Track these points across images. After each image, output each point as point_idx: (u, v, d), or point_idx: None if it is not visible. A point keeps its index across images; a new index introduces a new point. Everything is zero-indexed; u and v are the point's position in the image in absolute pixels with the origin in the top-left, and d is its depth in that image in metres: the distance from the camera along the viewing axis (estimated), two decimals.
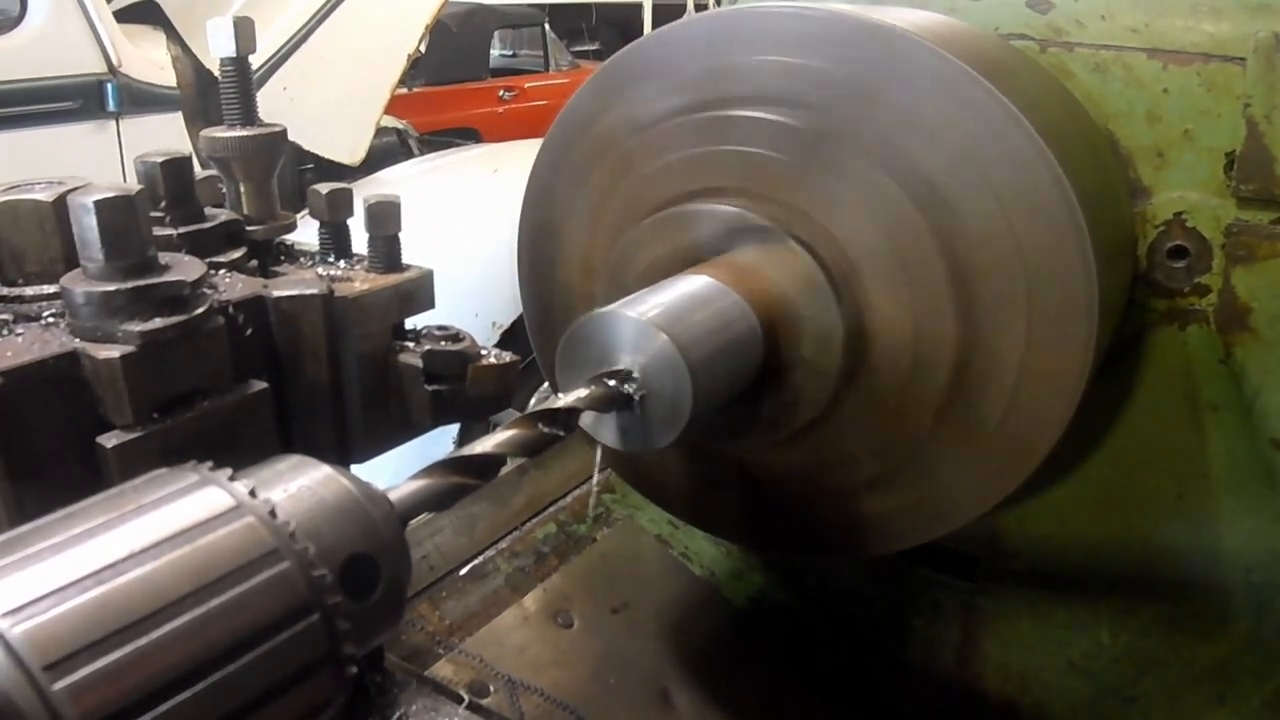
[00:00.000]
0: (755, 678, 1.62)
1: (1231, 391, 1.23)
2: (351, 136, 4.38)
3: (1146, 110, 1.21)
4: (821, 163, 1.09)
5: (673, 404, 0.95)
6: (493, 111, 8.52)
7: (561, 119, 1.31)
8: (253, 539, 0.58)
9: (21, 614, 0.50)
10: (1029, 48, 1.26)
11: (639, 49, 1.23)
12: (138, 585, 0.53)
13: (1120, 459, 1.32)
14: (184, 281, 0.86)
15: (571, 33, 13.84)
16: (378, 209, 1.11)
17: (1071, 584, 1.44)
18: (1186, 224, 1.21)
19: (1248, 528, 1.28)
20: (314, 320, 1.01)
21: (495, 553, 1.64)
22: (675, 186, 1.19)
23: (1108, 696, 1.46)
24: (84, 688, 0.49)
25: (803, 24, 1.09)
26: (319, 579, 0.60)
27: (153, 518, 0.58)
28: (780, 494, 1.27)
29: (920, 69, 1.03)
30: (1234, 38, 1.15)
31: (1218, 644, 1.36)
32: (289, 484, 0.64)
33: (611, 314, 0.97)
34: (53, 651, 0.49)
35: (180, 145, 2.42)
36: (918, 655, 1.62)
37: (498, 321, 3.68)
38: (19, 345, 0.83)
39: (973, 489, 1.13)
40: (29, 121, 3.56)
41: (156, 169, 1.05)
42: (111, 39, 3.72)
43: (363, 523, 0.65)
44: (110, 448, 0.81)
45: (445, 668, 1.42)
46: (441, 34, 7.88)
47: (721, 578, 1.74)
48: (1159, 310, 1.24)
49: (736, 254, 1.11)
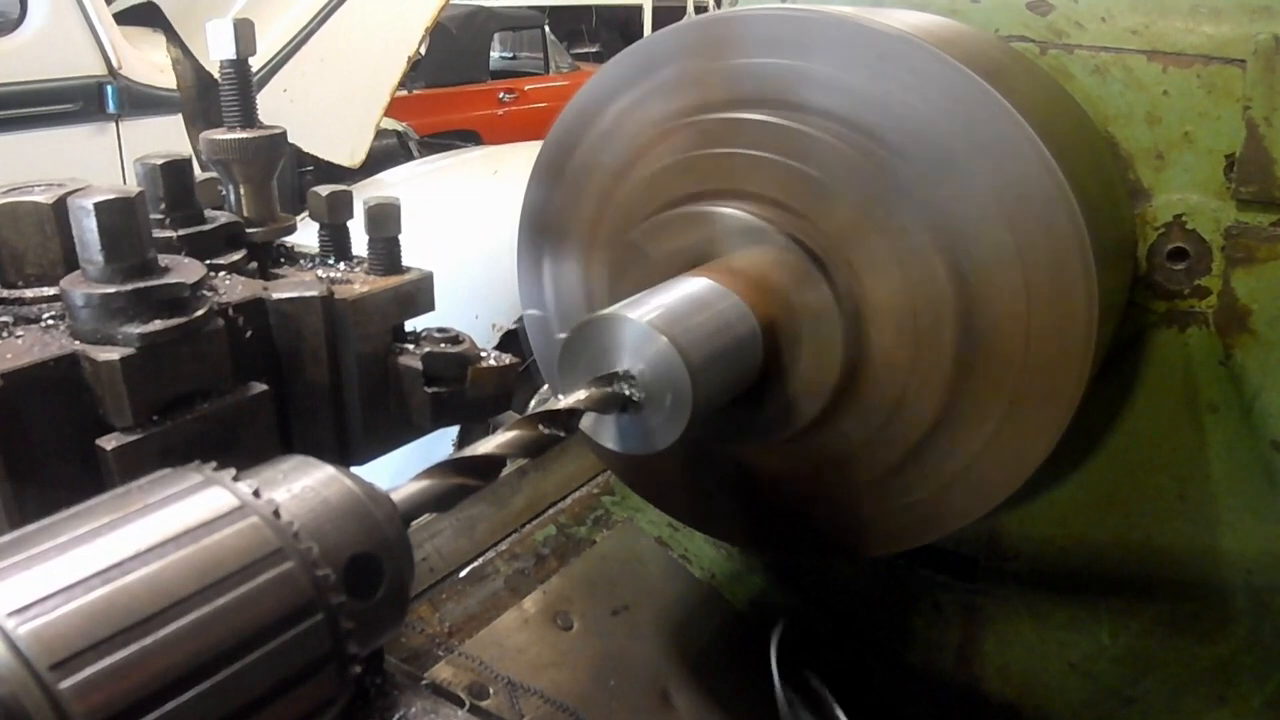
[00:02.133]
0: (755, 679, 1.61)
1: (1231, 393, 1.23)
2: (351, 138, 4.39)
3: (1146, 112, 1.21)
4: (821, 165, 1.09)
5: (673, 406, 0.95)
6: (493, 114, 8.54)
7: (562, 121, 1.31)
8: (257, 539, 0.58)
9: (28, 613, 0.50)
10: (1029, 50, 1.26)
11: (639, 51, 1.23)
12: (143, 584, 0.53)
13: (1120, 460, 1.32)
14: (184, 284, 0.86)
15: (571, 35, 13.86)
16: (378, 211, 1.11)
17: (1071, 585, 1.44)
18: (1186, 226, 1.21)
19: (1248, 529, 1.28)
20: (314, 322, 1.01)
21: (495, 555, 1.63)
22: (676, 189, 1.19)
23: (1108, 697, 1.46)
24: (90, 686, 0.49)
25: (802, 27, 1.09)
26: (323, 578, 0.60)
27: (158, 517, 0.58)
28: (780, 496, 1.27)
29: (921, 72, 1.03)
30: (1234, 40, 1.15)
31: (1218, 645, 1.36)
32: (292, 484, 0.64)
33: (612, 316, 0.97)
34: (59, 650, 0.49)
35: (180, 147, 2.43)
36: (918, 656, 1.62)
37: (498, 323, 3.69)
38: (19, 347, 0.83)
39: (973, 490, 1.13)
40: (29, 123, 3.56)
41: (156, 171, 1.05)
42: (111, 41, 3.72)
43: (366, 523, 0.65)
44: (110, 450, 0.81)
45: (445, 670, 1.42)
46: (441, 36, 7.90)
47: (721, 580, 1.74)
48: (1159, 312, 1.24)
49: (737, 256, 1.12)
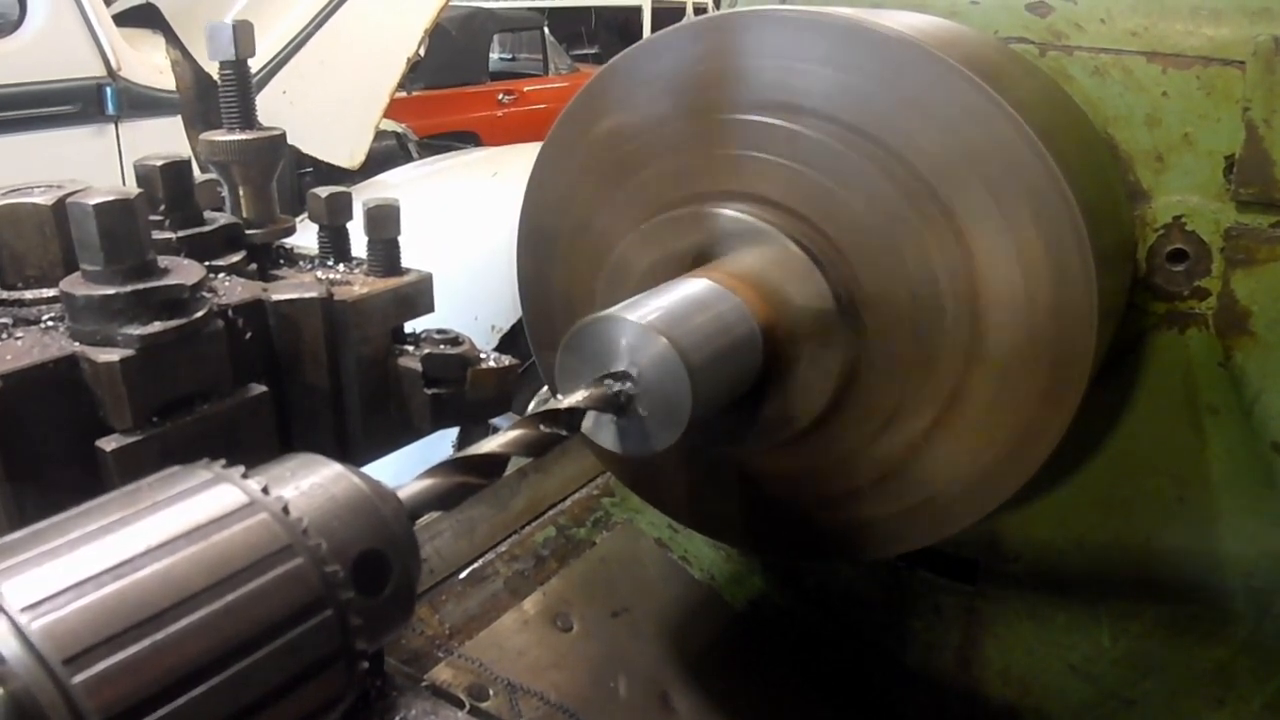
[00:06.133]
0: (755, 680, 1.61)
1: (1231, 395, 1.23)
2: (351, 140, 4.39)
3: (1146, 114, 1.21)
4: (822, 168, 1.09)
5: (672, 407, 0.95)
6: (492, 115, 8.54)
7: (561, 122, 1.31)
8: (266, 535, 0.58)
9: (40, 608, 0.50)
10: (1028, 51, 1.26)
11: (639, 52, 1.23)
12: (154, 580, 0.53)
13: (1120, 462, 1.32)
14: (183, 285, 0.86)
15: (571, 36, 13.87)
16: (377, 212, 1.11)
17: (1072, 587, 1.44)
18: (1186, 227, 1.21)
19: (1248, 531, 1.28)
20: (313, 324, 1.01)
21: (495, 556, 1.63)
22: (676, 190, 1.19)
23: (1108, 699, 1.46)
24: (102, 681, 0.49)
25: (802, 29, 1.09)
26: (331, 575, 0.60)
27: (168, 514, 0.58)
28: (780, 497, 1.27)
29: (920, 73, 1.03)
30: (1234, 41, 1.15)
31: (1218, 647, 1.36)
32: (300, 481, 0.64)
33: (611, 317, 0.97)
34: (71, 645, 0.49)
35: (179, 149, 2.43)
36: (918, 658, 1.62)
37: (497, 325, 3.69)
38: (18, 349, 0.83)
39: (972, 492, 1.13)
40: (28, 125, 3.56)
41: (156, 172, 1.05)
42: (111, 43, 3.72)
43: (373, 519, 0.65)
44: (110, 451, 0.81)
45: (445, 671, 1.42)
46: (441, 37, 7.90)
47: (721, 581, 1.74)
48: (1158, 314, 1.24)
49: (737, 257, 1.11)
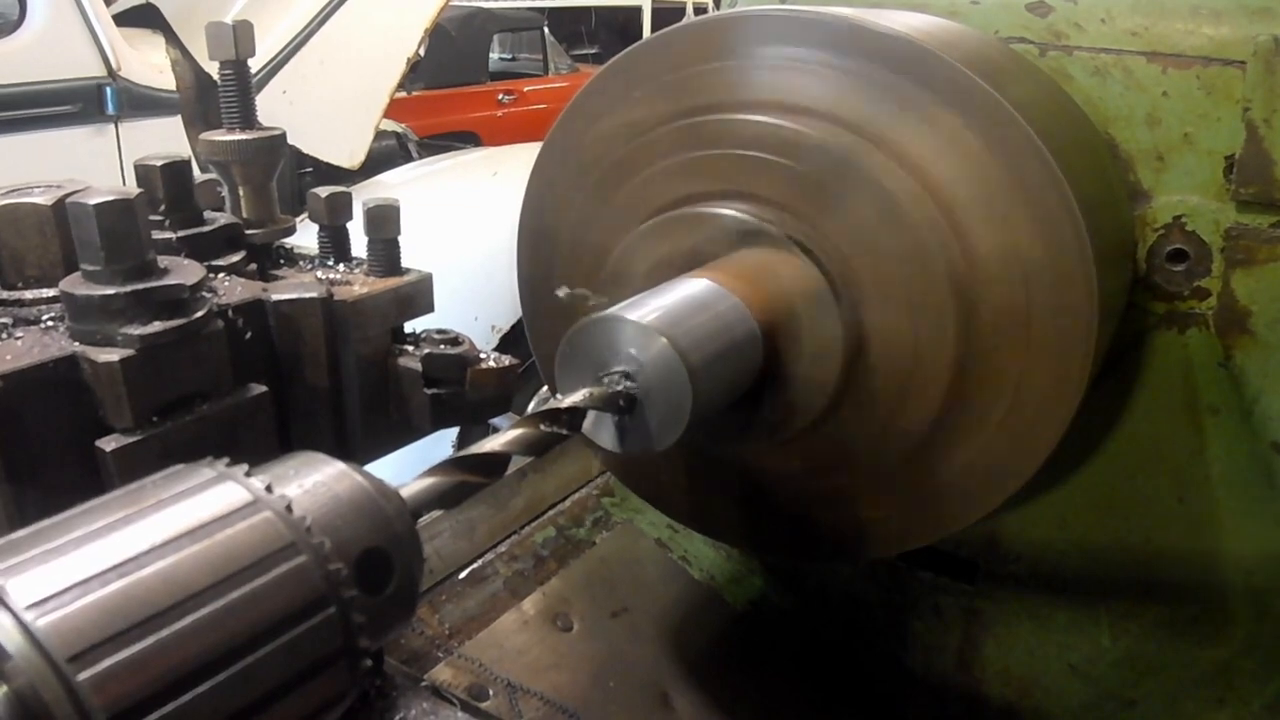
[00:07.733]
0: (755, 681, 1.61)
1: (1231, 395, 1.23)
2: (351, 140, 4.38)
3: (1146, 114, 1.21)
4: (823, 168, 1.09)
5: (672, 407, 0.95)
6: (492, 115, 8.54)
7: (561, 122, 1.31)
8: (270, 533, 0.59)
9: (46, 606, 0.50)
10: (1029, 51, 1.26)
11: (638, 52, 1.23)
12: (159, 578, 0.54)
13: (1120, 462, 1.32)
14: (183, 285, 0.86)
15: (571, 36, 13.86)
16: (377, 212, 1.11)
17: (1071, 587, 1.44)
18: (1186, 227, 1.21)
19: (1248, 531, 1.28)
20: (313, 324, 1.01)
21: (494, 556, 1.63)
22: (676, 190, 1.19)
23: (1108, 700, 1.46)
24: (107, 678, 0.50)
25: (802, 29, 1.09)
26: (335, 572, 0.60)
27: (172, 512, 0.58)
28: (780, 497, 1.27)
29: (921, 74, 1.03)
30: (1234, 41, 1.15)
31: (1218, 647, 1.36)
32: (304, 479, 0.65)
33: (611, 317, 0.97)
34: (77, 643, 0.50)
35: (179, 149, 2.43)
36: (918, 659, 1.62)
37: (497, 325, 3.69)
38: (18, 349, 0.83)
39: (972, 493, 1.13)
40: (28, 125, 3.55)
41: (156, 172, 1.05)
42: (111, 42, 3.72)
43: (376, 517, 0.65)
44: (110, 451, 0.81)
45: (444, 671, 1.42)
46: (440, 37, 7.90)
47: (721, 581, 1.74)
48: (1158, 314, 1.24)
49: (737, 258, 1.11)
